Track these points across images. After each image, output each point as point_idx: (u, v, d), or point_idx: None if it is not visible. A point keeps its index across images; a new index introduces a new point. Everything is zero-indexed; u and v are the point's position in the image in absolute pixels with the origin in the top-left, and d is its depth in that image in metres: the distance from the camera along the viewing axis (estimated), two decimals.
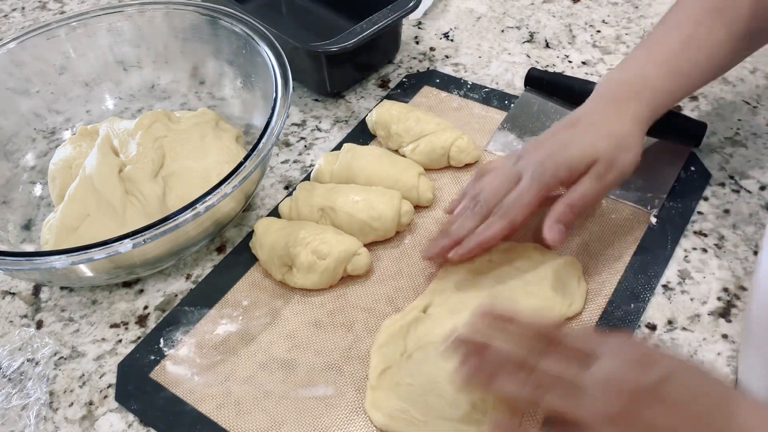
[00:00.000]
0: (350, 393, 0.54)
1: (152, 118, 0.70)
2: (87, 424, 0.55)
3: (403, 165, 0.67)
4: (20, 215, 0.70)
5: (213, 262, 0.65)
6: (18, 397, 0.56)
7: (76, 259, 0.52)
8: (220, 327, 0.59)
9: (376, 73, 0.84)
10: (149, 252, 0.58)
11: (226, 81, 0.78)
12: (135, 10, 0.76)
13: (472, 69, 0.83)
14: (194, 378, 0.56)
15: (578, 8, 0.91)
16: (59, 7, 1.03)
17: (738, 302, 0.57)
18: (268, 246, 0.61)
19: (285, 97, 0.63)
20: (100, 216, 0.63)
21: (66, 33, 0.75)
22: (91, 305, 0.63)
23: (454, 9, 0.93)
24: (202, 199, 0.55)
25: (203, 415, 0.53)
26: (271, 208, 0.69)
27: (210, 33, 0.75)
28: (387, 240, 0.64)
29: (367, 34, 0.73)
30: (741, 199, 0.65)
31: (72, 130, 0.78)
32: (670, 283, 0.59)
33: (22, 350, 0.60)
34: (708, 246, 0.62)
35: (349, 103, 0.81)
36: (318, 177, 0.69)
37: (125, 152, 0.68)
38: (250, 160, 0.58)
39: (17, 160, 0.74)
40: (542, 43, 0.86)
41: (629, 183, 0.67)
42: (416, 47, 0.88)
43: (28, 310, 0.64)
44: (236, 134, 0.72)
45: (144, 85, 0.81)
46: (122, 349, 0.59)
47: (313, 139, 0.77)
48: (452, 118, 0.75)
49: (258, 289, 0.62)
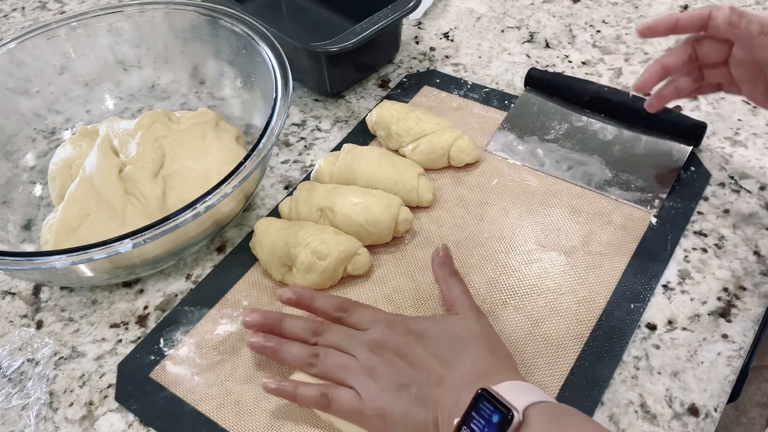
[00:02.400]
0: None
1: (152, 118, 0.70)
2: (87, 424, 0.55)
3: (403, 166, 0.67)
4: (20, 215, 0.70)
5: (213, 262, 0.65)
6: (18, 397, 0.56)
7: (76, 259, 0.52)
8: (220, 327, 0.59)
9: (376, 73, 0.84)
10: (149, 252, 0.58)
11: (226, 81, 0.78)
12: (135, 10, 0.76)
13: (472, 69, 0.83)
14: (194, 378, 0.56)
15: (578, 8, 0.91)
16: (59, 7, 1.03)
17: (738, 302, 0.58)
18: (268, 246, 0.61)
19: (285, 97, 0.63)
20: (100, 216, 0.63)
21: (66, 33, 0.75)
22: (91, 305, 0.63)
23: (454, 9, 0.93)
24: (202, 199, 0.55)
25: (203, 415, 0.53)
26: (271, 208, 0.69)
27: (210, 33, 0.75)
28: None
29: (367, 34, 0.73)
30: (741, 199, 0.65)
31: (72, 130, 0.78)
32: (670, 283, 0.59)
33: (22, 350, 0.60)
34: (708, 246, 0.62)
35: (349, 103, 0.81)
36: (318, 177, 0.69)
37: (125, 152, 0.68)
38: (250, 160, 0.58)
39: (17, 160, 0.74)
40: (542, 43, 0.86)
41: (629, 183, 0.67)
42: (416, 47, 0.88)
43: (28, 310, 0.64)
44: (236, 134, 0.72)
45: (144, 85, 0.81)
46: (122, 349, 0.59)
47: (313, 139, 0.77)
48: (452, 118, 0.75)
49: (258, 289, 0.62)
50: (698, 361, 0.54)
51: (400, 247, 0.64)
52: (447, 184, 0.69)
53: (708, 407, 0.51)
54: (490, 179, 0.69)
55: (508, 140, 0.73)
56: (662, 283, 0.59)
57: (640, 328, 0.56)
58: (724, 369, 0.53)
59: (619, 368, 0.54)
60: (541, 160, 0.70)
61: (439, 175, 0.70)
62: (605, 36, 0.86)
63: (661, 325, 0.57)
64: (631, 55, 0.83)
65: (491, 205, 0.67)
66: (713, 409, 0.51)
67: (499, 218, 0.65)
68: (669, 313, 0.57)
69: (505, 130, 0.74)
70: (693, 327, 0.56)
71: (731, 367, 0.54)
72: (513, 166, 0.70)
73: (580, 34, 0.87)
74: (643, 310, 0.57)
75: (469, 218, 0.66)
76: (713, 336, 0.56)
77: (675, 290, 0.59)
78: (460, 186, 0.69)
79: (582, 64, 0.82)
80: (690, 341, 0.55)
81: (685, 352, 0.55)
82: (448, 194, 0.68)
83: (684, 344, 0.55)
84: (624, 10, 0.90)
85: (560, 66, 0.82)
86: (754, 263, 0.60)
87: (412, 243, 0.64)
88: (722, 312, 0.57)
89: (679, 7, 0.89)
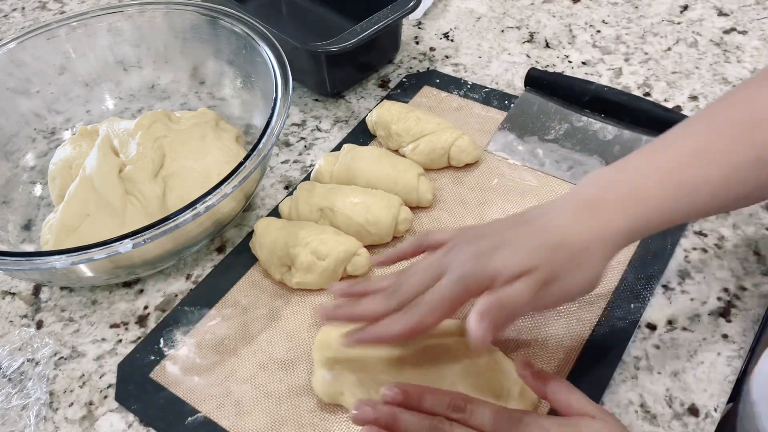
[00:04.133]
0: None
1: (152, 118, 0.70)
2: (87, 424, 0.55)
3: (402, 166, 0.67)
4: (20, 215, 0.70)
5: (213, 262, 0.65)
6: (18, 397, 0.56)
7: (76, 259, 0.52)
8: (220, 327, 0.59)
9: (376, 73, 0.84)
10: (149, 252, 0.58)
11: (226, 81, 0.78)
12: (135, 10, 0.76)
13: (472, 69, 0.83)
14: (194, 378, 0.56)
15: (578, 8, 0.91)
16: (59, 7, 1.03)
17: (738, 302, 0.57)
18: (268, 246, 0.61)
19: (285, 97, 0.63)
20: (100, 216, 0.63)
21: (66, 33, 0.75)
22: (91, 305, 0.63)
23: (454, 9, 0.93)
24: (202, 199, 0.55)
25: (203, 415, 0.53)
26: (271, 208, 0.69)
27: (210, 33, 0.75)
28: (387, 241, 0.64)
29: (367, 34, 0.73)
30: None
31: (72, 130, 0.78)
32: (670, 283, 0.59)
33: (22, 350, 0.60)
34: (708, 246, 0.62)
35: (349, 103, 0.81)
36: (318, 177, 0.69)
37: (125, 152, 0.68)
38: (250, 160, 0.58)
39: (17, 160, 0.74)
40: (542, 43, 0.86)
41: None
42: (416, 47, 0.88)
43: (28, 310, 0.64)
44: (236, 134, 0.72)
45: (144, 85, 0.81)
46: (122, 349, 0.59)
47: (313, 139, 0.77)
48: (452, 118, 0.75)
49: (258, 289, 0.62)
50: (698, 361, 0.54)
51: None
52: (447, 184, 0.69)
53: (708, 407, 0.51)
54: (490, 179, 0.69)
55: (508, 140, 0.73)
56: (662, 283, 0.59)
57: (640, 328, 0.56)
58: (724, 369, 0.53)
59: (619, 368, 0.54)
60: (541, 160, 0.70)
61: (439, 175, 0.70)
62: (605, 36, 0.86)
63: (661, 325, 0.57)
64: (631, 55, 0.83)
65: (491, 205, 0.67)
66: (713, 409, 0.51)
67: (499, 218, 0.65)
68: (669, 313, 0.57)
69: (505, 130, 0.74)
70: (693, 327, 0.56)
71: (731, 367, 0.54)
72: (513, 166, 0.70)
73: (580, 34, 0.87)
74: (643, 310, 0.57)
75: (469, 218, 0.66)
76: (713, 336, 0.55)
77: (675, 290, 0.59)
78: (460, 186, 0.69)
79: (582, 64, 0.82)
80: (690, 341, 0.55)
81: (685, 352, 0.55)
82: (448, 194, 0.68)
83: (684, 344, 0.55)
84: (624, 10, 0.90)
85: (560, 66, 0.82)
86: (754, 263, 0.60)
87: None
88: (722, 312, 0.57)
89: (679, 7, 0.89)
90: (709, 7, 0.89)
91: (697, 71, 0.79)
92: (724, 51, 0.82)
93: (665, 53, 0.82)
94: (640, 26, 0.87)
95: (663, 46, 0.83)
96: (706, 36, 0.84)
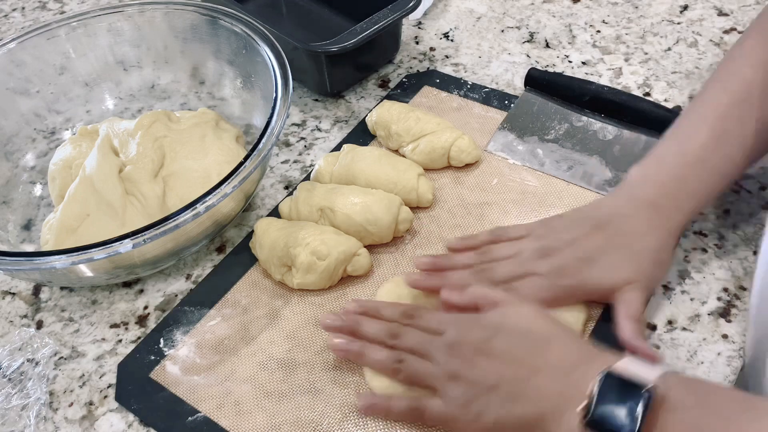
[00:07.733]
0: (351, 393, 0.54)
1: (152, 118, 0.70)
2: (87, 424, 0.55)
3: (402, 166, 0.67)
4: (20, 215, 0.70)
5: (213, 262, 0.65)
6: (18, 397, 0.56)
7: (76, 259, 0.52)
8: (220, 327, 0.59)
9: (376, 73, 0.84)
10: (149, 252, 0.58)
11: (226, 81, 0.78)
12: (135, 10, 0.76)
13: (472, 69, 0.83)
14: (194, 378, 0.56)
15: (578, 8, 0.91)
16: (59, 7, 1.03)
17: (738, 302, 0.58)
18: (268, 246, 0.61)
19: (285, 97, 0.63)
20: (100, 216, 0.63)
21: (66, 33, 0.75)
22: (91, 305, 0.63)
23: (454, 9, 0.93)
24: (202, 199, 0.55)
25: (203, 415, 0.53)
26: (271, 208, 0.69)
27: (210, 33, 0.75)
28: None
29: (367, 34, 0.73)
30: (741, 199, 0.65)
31: (72, 130, 0.78)
32: (670, 283, 0.59)
33: (22, 350, 0.60)
34: (708, 246, 0.62)
35: (349, 103, 0.81)
36: (318, 177, 0.69)
37: (125, 152, 0.68)
38: (250, 160, 0.58)
39: (17, 160, 0.74)
40: (542, 43, 0.86)
41: None
42: (416, 47, 0.88)
43: (28, 310, 0.64)
44: (236, 134, 0.72)
45: (144, 85, 0.81)
46: (122, 349, 0.59)
47: (313, 139, 0.77)
48: (452, 118, 0.75)
49: (258, 289, 0.62)
50: (698, 361, 0.54)
51: (400, 247, 0.64)
52: (447, 184, 0.69)
53: None
54: (490, 179, 0.69)
55: (508, 140, 0.73)
56: (662, 283, 0.59)
57: None
58: (724, 369, 0.53)
59: None
60: (541, 160, 0.70)
61: (439, 175, 0.70)
62: (605, 36, 0.86)
63: (661, 325, 0.57)
64: (631, 55, 0.83)
65: (491, 205, 0.67)
66: None
67: (499, 218, 0.65)
68: (669, 313, 0.57)
69: (505, 130, 0.74)
70: (693, 327, 0.56)
71: (731, 367, 0.54)
72: (513, 166, 0.70)
73: (580, 34, 0.87)
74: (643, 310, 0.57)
75: (469, 218, 0.66)
76: (713, 336, 0.55)
77: (675, 290, 0.59)
78: (460, 186, 0.69)
79: (582, 64, 0.82)
80: (690, 341, 0.55)
81: (685, 352, 0.55)
82: (448, 194, 0.68)
83: (684, 344, 0.55)
84: (624, 10, 0.90)
85: (560, 66, 0.82)
86: (754, 263, 0.60)
87: (412, 243, 0.64)
88: (722, 312, 0.57)
89: (679, 7, 0.89)
90: (709, 7, 0.89)
91: (697, 71, 0.79)
92: (724, 51, 0.82)
93: (665, 53, 0.82)
94: (640, 26, 0.87)
95: (663, 46, 0.83)
96: (706, 36, 0.84)
